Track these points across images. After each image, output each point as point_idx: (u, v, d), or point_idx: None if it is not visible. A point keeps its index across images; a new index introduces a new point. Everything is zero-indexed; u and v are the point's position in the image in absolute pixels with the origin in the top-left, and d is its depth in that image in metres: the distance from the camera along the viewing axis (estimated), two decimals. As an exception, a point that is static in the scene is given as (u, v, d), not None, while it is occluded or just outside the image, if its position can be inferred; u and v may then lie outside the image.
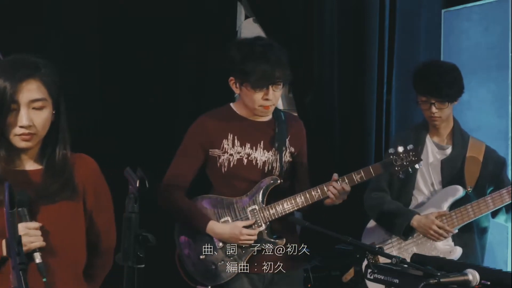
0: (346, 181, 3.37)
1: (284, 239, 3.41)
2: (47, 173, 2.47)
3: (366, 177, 3.40)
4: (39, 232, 2.36)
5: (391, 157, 3.42)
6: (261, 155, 3.43)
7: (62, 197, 2.46)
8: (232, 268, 3.37)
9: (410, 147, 3.43)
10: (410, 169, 3.43)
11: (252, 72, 3.28)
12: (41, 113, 2.42)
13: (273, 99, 3.36)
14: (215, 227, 3.37)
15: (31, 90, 2.40)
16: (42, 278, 2.27)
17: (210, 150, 3.43)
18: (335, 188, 3.34)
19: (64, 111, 2.51)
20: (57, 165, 2.48)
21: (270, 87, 3.32)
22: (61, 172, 2.47)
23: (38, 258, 2.31)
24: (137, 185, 2.16)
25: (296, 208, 3.39)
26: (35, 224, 2.36)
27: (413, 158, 3.41)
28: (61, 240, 2.44)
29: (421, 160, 3.44)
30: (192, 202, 3.44)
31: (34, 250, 2.32)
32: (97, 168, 2.63)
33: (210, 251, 3.39)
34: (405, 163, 3.41)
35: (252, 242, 3.37)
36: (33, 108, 2.40)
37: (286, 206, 3.39)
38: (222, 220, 3.40)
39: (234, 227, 3.36)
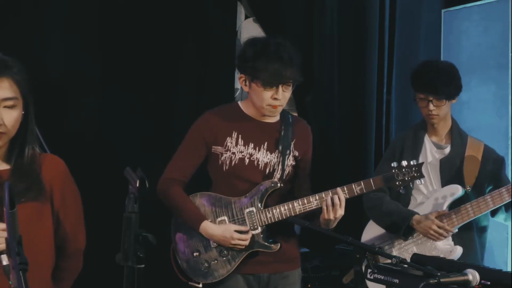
0: (346, 191, 3.33)
1: (279, 244, 3.38)
2: (14, 173, 2.43)
3: (366, 189, 3.34)
4: (5, 234, 2.26)
5: (394, 171, 3.36)
6: (263, 156, 3.41)
7: (28, 197, 2.42)
8: (225, 268, 3.37)
9: (413, 162, 3.37)
10: (411, 185, 3.40)
11: (263, 69, 3.25)
12: (12, 112, 2.38)
13: (282, 99, 3.33)
14: (207, 227, 3.36)
15: (3, 89, 2.36)
16: (8, 281, 2.17)
17: (213, 146, 3.41)
18: (332, 199, 3.29)
19: (33, 111, 2.47)
20: (25, 165, 2.44)
21: (280, 86, 3.30)
22: (28, 173, 2.43)
23: (5, 260, 2.22)
24: (137, 185, 2.16)
25: (293, 214, 3.35)
26: (2, 225, 2.30)
27: (415, 174, 3.35)
28: (28, 241, 2.34)
29: (424, 176, 3.40)
30: (189, 198, 3.43)
31: (1, 252, 2.23)
32: (66, 169, 2.59)
33: (204, 249, 3.39)
34: (406, 179, 3.35)
35: (243, 246, 3.34)
36: (5, 107, 2.37)
37: (283, 210, 3.35)
38: (219, 219, 3.39)
39: (226, 230, 3.34)
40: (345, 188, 3.33)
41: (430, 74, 3.83)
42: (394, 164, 3.37)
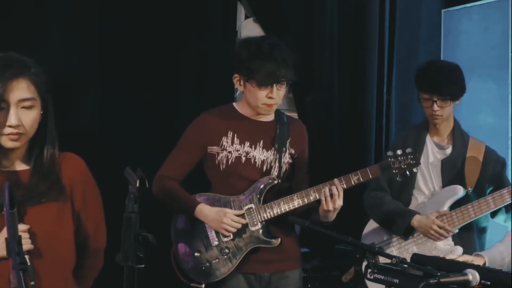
0: (343, 182, 3.36)
1: (279, 239, 3.41)
2: (35, 174, 2.43)
3: (363, 179, 3.39)
4: (27, 235, 2.32)
5: (389, 159, 3.41)
6: (260, 154, 3.44)
7: (49, 197, 2.42)
8: (226, 266, 3.38)
9: (408, 150, 3.43)
10: (408, 172, 3.43)
11: (258, 70, 3.31)
12: (30, 113, 2.38)
13: (276, 97, 3.38)
14: (203, 208, 3.39)
15: (21, 89, 2.36)
16: (30, 281, 2.21)
17: (209, 147, 3.44)
18: (330, 190, 3.32)
19: (52, 111, 2.48)
20: (44, 166, 2.44)
21: (274, 85, 3.35)
22: (48, 173, 2.44)
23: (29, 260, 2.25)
24: (137, 185, 2.16)
25: (292, 208, 3.38)
26: (23, 227, 2.32)
27: (411, 162, 3.41)
28: (49, 241, 2.41)
29: (419, 163, 3.43)
30: (184, 190, 3.45)
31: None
32: (85, 168, 2.59)
33: (205, 249, 3.40)
34: (403, 166, 3.40)
35: (234, 229, 3.36)
36: (22, 108, 2.36)
37: (282, 206, 3.39)
38: None
39: (220, 210, 3.38)
40: (343, 179, 3.37)
41: (435, 74, 3.81)
42: (389, 153, 3.43)
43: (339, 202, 3.32)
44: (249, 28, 5.08)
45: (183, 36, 4.84)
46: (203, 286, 3.39)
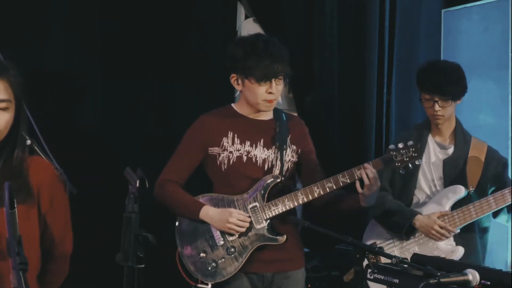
0: (347, 176, 3.39)
1: (285, 236, 3.42)
2: (2, 175, 2.40)
3: None
4: None
5: (392, 152, 3.43)
6: (261, 153, 3.45)
7: (16, 200, 2.34)
8: (232, 265, 3.38)
9: (410, 143, 3.44)
10: (410, 165, 3.44)
11: (256, 66, 3.34)
12: (4, 114, 2.37)
13: (276, 92, 3.41)
14: (208, 210, 3.40)
15: None
16: None
17: (210, 148, 3.45)
18: (366, 172, 3.33)
19: (25, 114, 2.46)
20: (13, 168, 2.42)
21: (273, 80, 3.38)
22: (16, 175, 2.41)
23: None
24: (137, 185, 2.16)
25: (296, 204, 3.41)
26: None
27: (413, 154, 3.42)
28: None
29: (421, 156, 3.44)
30: (187, 193, 3.46)
31: None
32: (54, 173, 2.56)
33: (211, 249, 3.40)
34: (405, 159, 3.42)
35: (240, 229, 3.37)
36: None
37: (287, 203, 3.40)
38: None
39: (225, 210, 3.39)
40: (346, 174, 3.40)
41: (437, 74, 3.82)
42: (391, 146, 3.45)
43: (379, 182, 3.36)
44: (249, 28, 5.07)
45: (183, 36, 4.84)
46: (210, 286, 3.40)
